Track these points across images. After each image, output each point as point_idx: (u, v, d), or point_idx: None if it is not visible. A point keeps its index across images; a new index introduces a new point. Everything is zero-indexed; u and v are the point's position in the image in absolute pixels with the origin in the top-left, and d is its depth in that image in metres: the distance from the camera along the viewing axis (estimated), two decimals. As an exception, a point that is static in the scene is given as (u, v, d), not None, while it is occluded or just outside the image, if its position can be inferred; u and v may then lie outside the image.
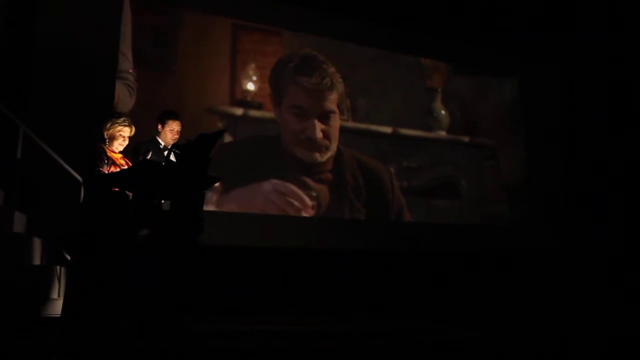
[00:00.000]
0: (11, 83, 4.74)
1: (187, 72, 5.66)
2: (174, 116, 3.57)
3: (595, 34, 7.08)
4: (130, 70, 5.35)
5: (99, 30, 5.15)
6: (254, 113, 5.94)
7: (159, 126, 3.54)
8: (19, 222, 3.83)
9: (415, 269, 5.94)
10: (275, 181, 5.82)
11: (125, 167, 3.18)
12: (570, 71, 7.42)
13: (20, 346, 2.86)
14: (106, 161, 3.11)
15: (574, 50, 7.31)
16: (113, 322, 2.84)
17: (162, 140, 3.53)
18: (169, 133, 3.52)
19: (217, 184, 4.98)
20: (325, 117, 6.20)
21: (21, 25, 4.94)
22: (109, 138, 3.18)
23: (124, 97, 5.26)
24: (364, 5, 6.42)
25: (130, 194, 3.12)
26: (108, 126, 3.18)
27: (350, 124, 6.43)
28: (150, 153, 3.28)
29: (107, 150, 3.16)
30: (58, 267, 3.72)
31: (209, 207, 5.09)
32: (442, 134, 6.98)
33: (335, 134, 6.24)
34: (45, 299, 3.49)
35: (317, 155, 6.10)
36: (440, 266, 6.06)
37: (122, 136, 3.19)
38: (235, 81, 5.95)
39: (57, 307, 3.38)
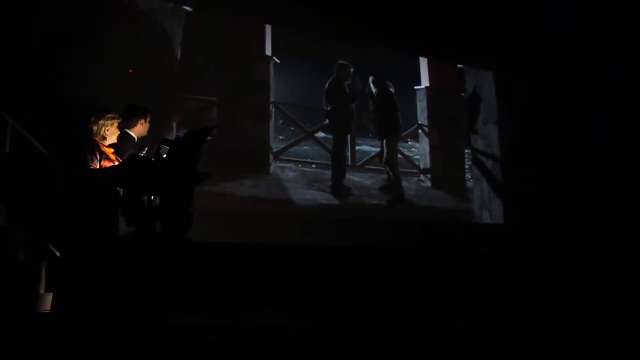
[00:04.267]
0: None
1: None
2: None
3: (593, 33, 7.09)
4: (130, 71, 5.32)
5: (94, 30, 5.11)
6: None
7: (141, 120, 3.42)
8: (6, 216, 3.79)
9: (412, 266, 5.93)
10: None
11: (117, 162, 3.14)
12: (569, 70, 7.42)
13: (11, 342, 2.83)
14: (98, 156, 3.06)
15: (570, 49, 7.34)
16: (103, 318, 2.82)
17: (137, 134, 3.42)
18: (147, 126, 3.46)
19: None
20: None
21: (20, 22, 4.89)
22: (97, 132, 3.14)
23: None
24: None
25: (121, 190, 3.11)
26: (97, 120, 3.14)
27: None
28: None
29: (100, 145, 3.12)
30: (45, 262, 3.69)
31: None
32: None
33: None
34: (31, 294, 3.46)
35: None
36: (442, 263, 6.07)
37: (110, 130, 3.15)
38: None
39: (43, 303, 3.35)
